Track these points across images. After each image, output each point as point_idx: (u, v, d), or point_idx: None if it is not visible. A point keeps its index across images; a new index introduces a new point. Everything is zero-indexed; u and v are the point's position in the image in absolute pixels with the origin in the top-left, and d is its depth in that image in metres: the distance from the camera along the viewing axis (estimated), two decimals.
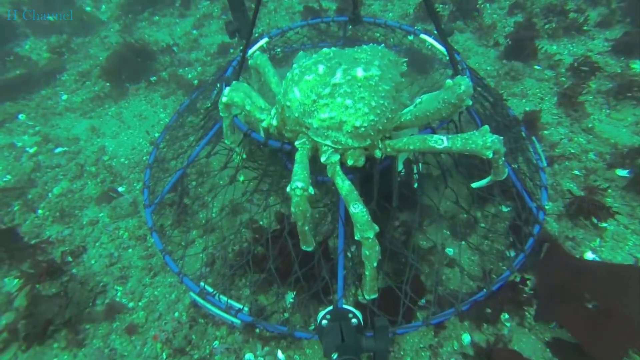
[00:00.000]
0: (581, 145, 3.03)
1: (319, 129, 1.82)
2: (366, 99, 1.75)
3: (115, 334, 2.26)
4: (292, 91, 1.84)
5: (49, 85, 4.29)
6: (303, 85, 1.81)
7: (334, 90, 1.76)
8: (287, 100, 1.87)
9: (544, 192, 2.53)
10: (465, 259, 2.35)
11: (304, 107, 1.81)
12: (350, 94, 1.75)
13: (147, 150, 3.42)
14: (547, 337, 2.06)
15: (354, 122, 1.76)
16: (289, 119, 1.89)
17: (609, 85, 3.41)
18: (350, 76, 1.78)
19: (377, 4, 4.90)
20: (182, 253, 2.39)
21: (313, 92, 1.78)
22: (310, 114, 1.80)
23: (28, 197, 3.12)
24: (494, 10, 4.59)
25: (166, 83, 4.10)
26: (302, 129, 1.88)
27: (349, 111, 1.75)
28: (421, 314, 2.13)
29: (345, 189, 1.78)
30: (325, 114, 1.77)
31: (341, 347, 1.64)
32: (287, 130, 1.97)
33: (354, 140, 1.82)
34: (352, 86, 1.76)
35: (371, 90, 1.76)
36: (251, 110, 2.06)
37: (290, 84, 1.88)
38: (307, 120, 1.82)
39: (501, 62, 3.86)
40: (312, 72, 1.82)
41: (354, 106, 1.74)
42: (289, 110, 1.87)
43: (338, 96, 1.75)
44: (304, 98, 1.80)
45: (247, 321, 2.05)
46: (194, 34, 4.85)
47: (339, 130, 1.80)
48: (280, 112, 1.93)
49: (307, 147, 1.89)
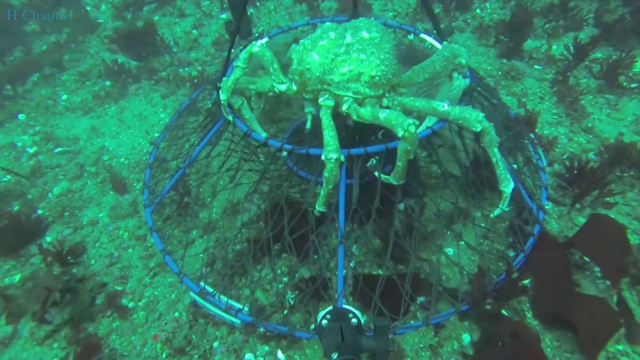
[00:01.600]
0: (581, 145, 3.03)
1: (340, 82, 2.08)
2: (375, 54, 2.06)
3: (115, 333, 2.27)
4: (309, 56, 2.10)
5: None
6: (320, 49, 2.08)
7: (348, 49, 2.06)
8: (305, 65, 2.11)
9: (544, 192, 2.53)
10: (465, 259, 2.35)
11: (324, 66, 2.07)
12: (362, 50, 2.05)
13: (147, 150, 3.42)
14: (547, 337, 2.07)
15: (371, 72, 2.05)
16: (310, 80, 2.13)
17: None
18: (359, 36, 2.08)
19: (377, 3, 4.90)
20: (182, 253, 2.39)
21: (330, 52, 2.06)
22: (330, 71, 2.07)
23: (28, 197, 3.12)
24: (493, 10, 4.59)
25: (166, 82, 4.11)
26: (323, 86, 2.13)
27: (365, 63, 2.04)
28: (421, 314, 2.13)
29: (369, 110, 2.04)
30: (345, 68, 2.05)
31: (341, 347, 1.64)
32: (307, 92, 2.20)
33: (371, 89, 2.10)
34: (362, 44, 2.06)
35: (377, 47, 2.08)
36: (277, 70, 2.25)
37: (303, 53, 2.12)
38: (328, 77, 2.09)
39: (501, 62, 3.86)
40: (325, 38, 2.10)
41: (367, 59, 2.04)
42: (309, 72, 2.10)
43: (353, 52, 2.05)
44: (322, 59, 2.07)
45: (247, 321, 2.05)
46: (194, 34, 4.86)
47: (357, 81, 2.07)
48: (299, 77, 2.16)
49: (331, 105, 2.12)
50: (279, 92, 2.27)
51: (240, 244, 2.51)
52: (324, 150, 1.90)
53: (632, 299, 2.18)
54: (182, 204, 2.75)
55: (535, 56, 3.88)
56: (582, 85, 3.44)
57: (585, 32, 4.04)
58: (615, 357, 1.98)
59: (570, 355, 2.00)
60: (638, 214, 2.55)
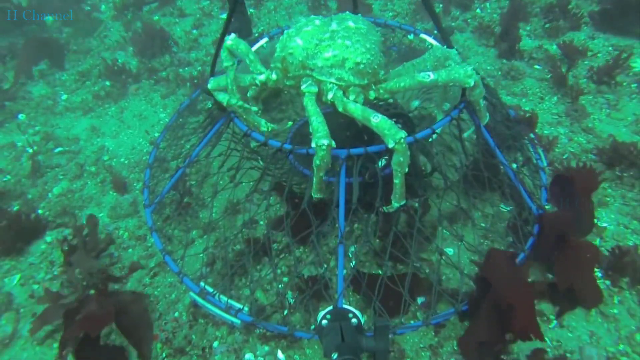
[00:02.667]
0: (581, 145, 3.03)
1: (324, 67, 2.02)
2: (361, 42, 2.01)
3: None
4: (292, 41, 2.05)
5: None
6: (304, 34, 2.03)
7: (333, 35, 2.01)
8: (288, 50, 2.06)
9: (544, 192, 2.53)
10: (465, 259, 2.35)
11: (307, 50, 2.02)
12: (348, 37, 2.01)
13: (147, 150, 3.42)
14: (547, 337, 2.07)
15: (355, 59, 1.98)
16: (292, 65, 2.07)
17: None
18: (345, 25, 2.06)
19: (376, 3, 4.90)
20: (182, 253, 2.39)
21: (314, 37, 2.02)
22: (314, 55, 2.01)
23: (28, 197, 3.12)
24: (493, 10, 4.59)
25: (166, 82, 4.11)
26: (306, 71, 2.06)
27: (350, 50, 1.98)
28: (421, 314, 2.13)
29: (359, 109, 1.95)
30: (329, 52, 1.99)
31: (341, 347, 1.64)
32: (289, 78, 2.14)
33: (355, 77, 2.03)
34: (348, 32, 2.03)
35: (363, 37, 2.04)
36: (253, 61, 2.19)
37: (287, 39, 2.09)
38: (311, 62, 2.02)
39: (501, 62, 3.86)
40: (310, 24, 2.07)
41: (353, 45, 1.99)
42: (292, 56, 2.05)
43: (338, 38, 2.00)
44: (306, 43, 2.02)
45: (247, 321, 2.05)
46: (194, 34, 4.85)
47: (342, 67, 2.00)
48: (281, 63, 2.10)
49: (314, 91, 2.06)
50: (260, 83, 2.19)
51: (240, 244, 2.51)
52: (314, 137, 1.86)
53: (632, 299, 2.18)
54: (182, 204, 2.75)
55: (536, 56, 3.88)
56: (582, 85, 3.44)
57: (585, 32, 4.04)
58: (615, 357, 1.98)
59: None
60: (638, 214, 2.55)
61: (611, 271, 2.26)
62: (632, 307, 2.15)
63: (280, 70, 2.12)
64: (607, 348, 2.01)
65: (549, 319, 2.13)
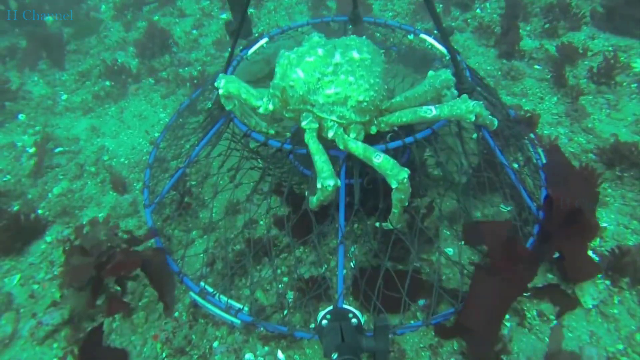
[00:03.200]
0: (581, 145, 3.03)
1: (325, 104, 1.94)
2: (365, 77, 1.93)
3: (115, 333, 2.26)
4: (293, 72, 1.95)
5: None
6: (305, 66, 1.93)
7: (336, 69, 1.92)
8: (288, 81, 1.96)
9: (544, 191, 2.53)
10: (465, 259, 2.35)
11: (309, 85, 1.93)
12: (352, 71, 1.92)
13: (147, 150, 3.42)
14: (547, 337, 2.07)
15: (358, 97, 1.92)
16: (292, 98, 1.98)
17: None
18: (349, 57, 1.95)
19: (377, 3, 4.91)
20: (182, 253, 2.39)
21: (317, 71, 1.92)
22: (315, 91, 1.93)
23: (28, 197, 3.12)
24: (493, 10, 4.59)
25: (166, 83, 4.11)
26: (306, 106, 1.98)
27: (353, 87, 1.91)
28: (421, 314, 2.13)
29: (361, 148, 1.91)
30: (331, 89, 1.91)
31: (341, 347, 1.64)
32: (288, 111, 2.06)
33: (357, 115, 1.97)
34: (351, 65, 1.93)
35: (368, 70, 1.95)
36: (247, 98, 2.14)
37: (287, 68, 1.98)
38: (312, 98, 1.94)
39: (501, 62, 3.86)
40: (312, 54, 1.95)
41: (356, 82, 1.91)
42: (292, 89, 1.96)
43: (341, 74, 1.91)
44: (308, 77, 1.92)
45: (247, 321, 2.05)
46: (194, 34, 4.85)
47: (343, 105, 1.94)
48: (281, 94, 2.02)
49: (315, 127, 1.99)
50: (260, 115, 2.20)
51: (240, 244, 2.50)
52: (319, 178, 1.83)
53: (632, 299, 2.18)
54: (182, 204, 2.75)
55: (536, 56, 3.88)
56: (582, 85, 3.44)
57: (585, 32, 4.04)
58: (615, 357, 1.98)
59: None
60: (638, 214, 2.55)
61: (611, 271, 2.26)
62: (632, 307, 2.15)
63: (280, 100, 2.05)
64: (607, 348, 2.01)
65: (549, 319, 2.13)
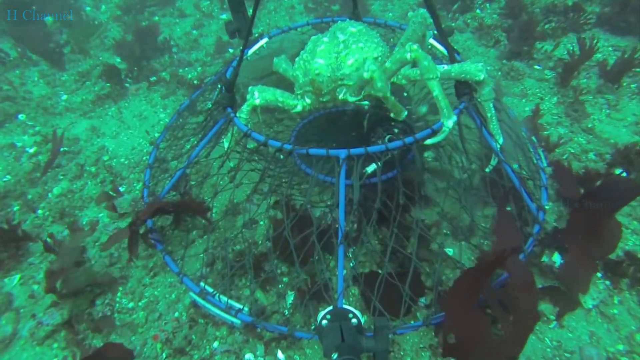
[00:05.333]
0: (581, 145, 3.03)
1: (351, 73, 2.25)
2: (369, 40, 2.32)
3: (115, 333, 2.26)
4: (313, 62, 2.29)
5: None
6: (321, 54, 2.28)
7: (346, 44, 2.28)
8: (314, 72, 2.29)
9: (544, 192, 2.53)
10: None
11: (331, 65, 2.27)
12: (358, 40, 2.29)
13: (147, 150, 3.42)
14: (547, 337, 2.07)
15: (373, 54, 2.27)
16: (323, 83, 2.30)
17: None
18: (349, 32, 2.33)
19: (377, 3, 4.91)
20: (182, 253, 2.39)
21: (332, 52, 2.28)
22: (338, 67, 2.26)
23: (28, 197, 3.12)
24: (494, 10, 4.59)
25: (166, 83, 4.11)
26: (337, 83, 2.29)
27: (365, 49, 2.27)
28: (421, 314, 2.13)
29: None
30: (351, 59, 2.25)
31: (341, 347, 1.64)
32: (324, 95, 2.35)
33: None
34: (354, 36, 2.31)
35: (368, 34, 2.35)
36: (284, 101, 2.43)
37: (306, 64, 2.33)
38: (339, 74, 2.27)
39: (501, 62, 3.86)
40: (320, 44, 2.32)
41: (365, 45, 2.28)
42: (320, 76, 2.29)
43: (352, 44, 2.28)
44: (327, 60, 2.27)
45: (247, 321, 2.05)
46: (194, 34, 4.86)
47: (365, 67, 2.14)
48: (311, 85, 2.33)
49: (358, 98, 2.28)
50: (297, 113, 2.47)
51: (240, 244, 2.50)
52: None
53: (632, 299, 2.18)
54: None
55: (536, 56, 3.88)
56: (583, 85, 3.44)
57: (586, 33, 4.04)
58: (615, 357, 1.98)
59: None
60: (638, 214, 2.55)
61: (611, 272, 2.26)
62: (632, 307, 2.15)
63: (312, 92, 2.35)
64: (607, 348, 2.01)
65: (549, 319, 2.13)
